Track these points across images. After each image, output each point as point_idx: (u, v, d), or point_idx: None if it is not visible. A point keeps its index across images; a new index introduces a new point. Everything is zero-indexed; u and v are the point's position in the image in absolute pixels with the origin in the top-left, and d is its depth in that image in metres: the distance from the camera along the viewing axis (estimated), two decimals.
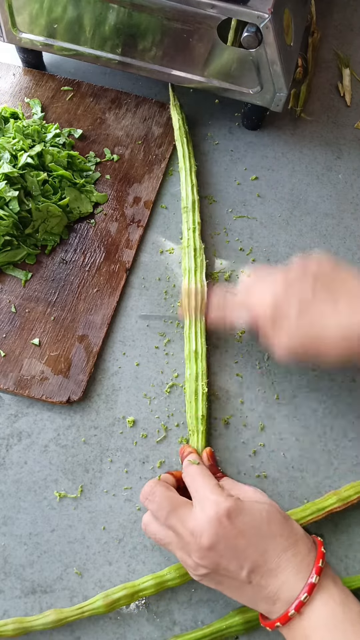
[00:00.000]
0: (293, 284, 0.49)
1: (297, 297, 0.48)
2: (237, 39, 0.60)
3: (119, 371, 0.57)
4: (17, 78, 0.74)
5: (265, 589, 0.40)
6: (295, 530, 0.43)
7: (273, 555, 0.41)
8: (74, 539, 0.49)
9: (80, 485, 0.52)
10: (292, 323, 0.48)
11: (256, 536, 0.41)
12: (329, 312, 0.47)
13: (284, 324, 0.48)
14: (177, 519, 0.43)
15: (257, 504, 0.43)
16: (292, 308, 0.48)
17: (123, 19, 0.62)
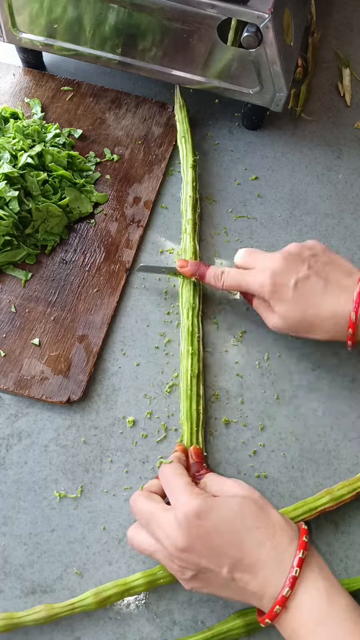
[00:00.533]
0: (291, 262, 0.52)
1: (295, 273, 0.51)
2: (237, 39, 0.60)
3: (119, 371, 0.57)
4: (17, 78, 0.74)
5: (249, 585, 0.40)
6: (273, 521, 0.42)
7: (251, 550, 0.40)
8: (74, 539, 0.49)
9: (80, 485, 0.52)
10: (289, 297, 0.51)
11: (230, 532, 0.41)
12: (320, 291, 0.51)
13: (282, 297, 0.51)
14: (156, 525, 0.43)
15: (230, 499, 0.42)
16: (290, 283, 0.51)
17: (123, 19, 0.62)
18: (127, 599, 0.47)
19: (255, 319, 0.60)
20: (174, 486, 0.44)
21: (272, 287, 0.52)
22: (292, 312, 0.52)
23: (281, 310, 0.52)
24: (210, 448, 0.54)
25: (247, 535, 0.41)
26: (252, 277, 0.53)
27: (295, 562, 0.39)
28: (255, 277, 0.53)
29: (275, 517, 0.42)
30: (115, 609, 0.47)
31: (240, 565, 0.40)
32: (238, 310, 0.61)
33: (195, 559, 0.41)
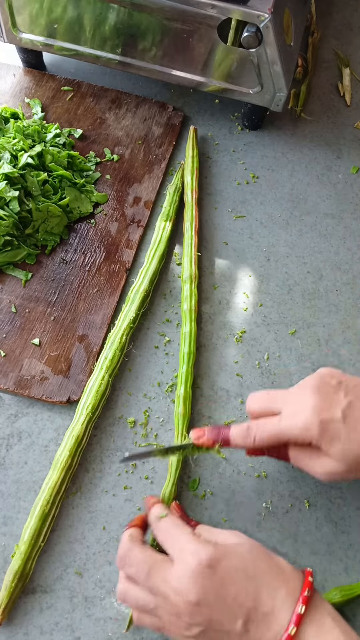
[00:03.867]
0: (325, 393, 0.44)
1: (337, 404, 0.43)
2: (237, 39, 0.60)
3: (118, 371, 0.57)
4: (17, 78, 0.74)
5: (264, 636, 0.37)
6: (282, 567, 0.40)
7: (265, 598, 0.38)
8: (74, 538, 0.49)
9: (80, 485, 0.51)
10: (342, 432, 0.43)
11: (244, 580, 0.38)
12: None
13: (334, 435, 0.43)
14: (159, 578, 0.39)
15: (237, 546, 0.40)
16: (337, 416, 0.43)
17: (123, 19, 0.62)
18: None
19: (255, 319, 0.60)
20: (178, 536, 0.41)
21: (321, 426, 0.42)
22: (351, 450, 0.43)
23: (337, 451, 0.43)
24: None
25: (261, 582, 0.38)
26: (290, 422, 0.44)
27: (300, 601, 0.38)
28: (294, 421, 0.43)
29: (283, 563, 0.40)
30: (115, 609, 0.47)
31: (255, 615, 0.38)
32: (238, 311, 0.61)
33: (208, 613, 0.38)
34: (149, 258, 0.61)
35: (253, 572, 0.39)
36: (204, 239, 0.65)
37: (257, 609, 0.38)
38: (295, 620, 0.37)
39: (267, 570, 0.39)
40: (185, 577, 0.38)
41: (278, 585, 0.38)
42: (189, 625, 0.38)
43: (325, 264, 0.64)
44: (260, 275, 0.63)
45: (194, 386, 0.56)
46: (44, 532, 0.48)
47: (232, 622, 0.37)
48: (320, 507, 0.52)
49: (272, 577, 0.39)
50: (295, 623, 0.37)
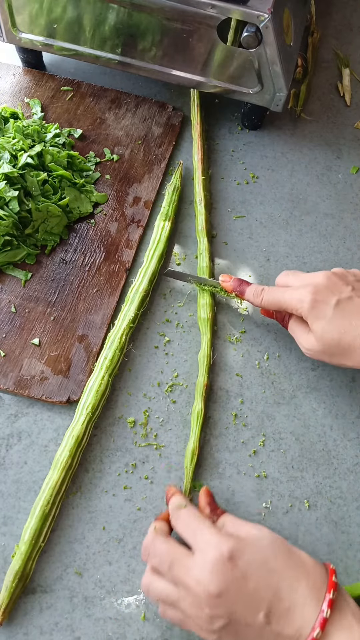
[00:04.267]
0: (334, 281, 0.50)
1: (338, 292, 0.49)
2: (237, 39, 0.60)
3: (118, 371, 0.57)
4: (17, 78, 0.74)
5: (286, 629, 0.38)
6: (304, 560, 0.40)
7: (287, 591, 0.38)
8: (73, 538, 0.49)
9: (80, 485, 0.51)
10: (329, 315, 0.48)
11: (264, 574, 0.39)
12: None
13: (321, 314, 0.48)
14: (182, 569, 0.40)
15: (259, 540, 0.41)
16: (331, 302, 0.48)
17: (123, 19, 0.62)
18: (127, 598, 0.48)
19: (254, 319, 0.60)
20: (198, 529, 0.41)
21: (312, 304, 0.48)
22: (329, 333, 0.48)
23: (318, 329, 0.49)
24: (210, 448, 0.54)
25: (282, 576, 0.39)
26: (292, 293, 0.50)
27: (325, 604, 0.38)
28: (295, 293, 0.50)
29: (305, 556, 0.41)
30: (115, 609, 0.47)
31: (277, 609, 0.38)
32: (237, 311, 0.61)
33: (230, 606, 0.38)
34: (148, 258, 0.61)
35: (274, 566, 0.39)
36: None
37: (278, 602, 0.38)
38: (321, 623, 0.37)
39: (288, 563, 0.40)
40: (206, 569, 0.39)
41: (299, 579, 0.39)
42: (211, 618, 0.39)
43: (325, 264, 0.64)
44: (260, 275, 0.63)
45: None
46: (44, 532, 0.48)
47: (254, 614, 0.38)
48: (320, 507, 0.52)
49: (293, 571, 0.39)
50: (320, 626, 0.37)
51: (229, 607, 0.38)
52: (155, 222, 0.64)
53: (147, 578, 0.43)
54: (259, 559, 0.39)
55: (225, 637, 0.39)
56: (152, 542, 0.43)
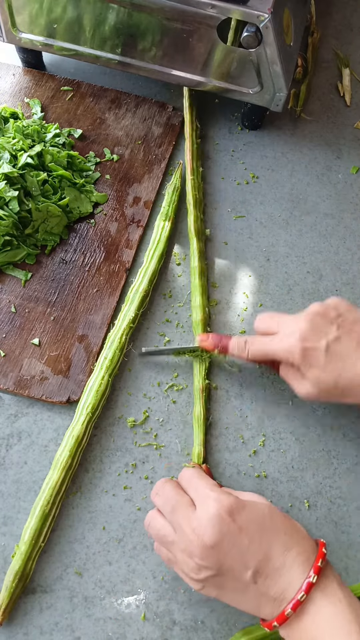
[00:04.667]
0: (318, 323, 0.48)
1: (324, 335, 0.48)
2: (237, 39, 0.60)
3: (118, 371, 0.57)
4: (17, 78, 0.74)
5: (271, 589, 0.39)
6: (297, 529, 0.42)
7: (277, 553, 0.40)
8: (73, 539, 0.49)
9: (80, 485, 0.51)
10: (322, 361, 0.47)
11: (259, 533, 0.40)
12: (353, 353, 0.47)
13: (313, 362, 0.47)
14: (182, 516, 0.42)
15: (258, 504, 0.42)
16: (321, 346, 0.47)
17: (123, 19, 0.62)
18: (127, 598, 0.48)
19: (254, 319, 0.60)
20: (202, 484, 0.43)
21: (302, 352, 0.47)
22: (325, 377, 0.47)
23: (313, 376, 0.48)
24: (210, 448, 0.54)
25: (275, 539, 0.40)
26: (279, 343, 0.49)
27: (312, 571, 0.39)
28: (282, 343, 0.49)
29: (299, 527, 0.42)
30: (115, 609, 0.47)
31: (265, 569, 0.39)
32: (238, 311, 0.61)
33: (220, 558, 0.40)
34: (148, 258, 0.61)
35: (269, 528, 0.41)
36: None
37: (267, 562, 0.39)
38: (306, 587, 0.38)
39: (283, 528, 0.41)
40: (204, 520, 0.40)
41: (291, 544, 0.40)
42: (199, 567, 0.40)
43: (325, 264, 0.64)
44: (260, 275, 0.63)
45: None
46: (44, 532, 0.48)
47: (242, 570, 0.39)
48: (320, 507, 0.52)
49: (286, 536, 0.41)
50: (305, 590, 0.38)
51: (219, 560, 0.40)
52: (155, 222, 0.64)
53: (151, 514, 0.45)
54: (256, 520, 0.41)
55: (208, 588, 0.41)
56: (163, 484, 0.45)
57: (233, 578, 0.40)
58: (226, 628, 0.47)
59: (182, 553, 0.41)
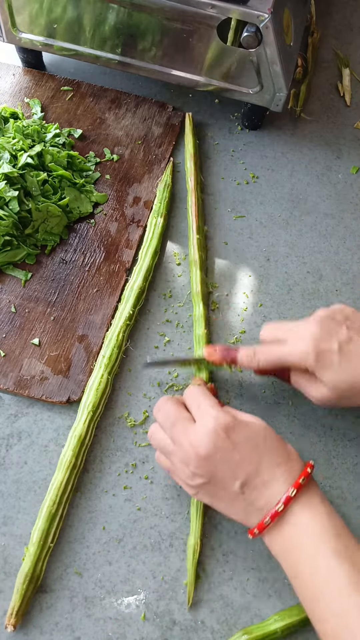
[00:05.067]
0: (328, 326, 0.48)
1: (336, 337, 0.47)
2: (237, 39, 0.60)
3: (118, 369, 0.57)
4: (17, 78, 0.74)
5: (256, 502, 0.43)
6: (289, 451, 0.45)
7: (266, 469, 0.43)
8: (73, 539, 0.49)
9: (80, 485, 0.51)
10: (336, 362, 0.47)
11: (251, 450, 0.43)
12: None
13: (328, 364, 0.47)
14: (180, 430, 0.45)
15: (254, 424, 0.45)
16: (334, 348, 0.47)
17: (123, 19, 0.62)
18: (127, 598, 0.48)
19: (255, 319, 0.60)
20: (202, 402, 0.46)
21: (317, 355, 0.47)
22: (341, 380, 0.47)
23: (329, 379, 0.47)
24: None
25: (265, 456, 0.43)
26: (290, 348, 0.48)
27: (293, 485, 0.42)
28: (294, 348, 0.48)
29: (292, 450, 0.45)
30: (115, 609, 0.47)
31: (253, 481, 0.43)
32: (238, 311, 0.61)
33: (212, 468, 0.43)
34: (142, 255, 0.61)
35: (262, 446, 0.44)
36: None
37: (255, 476, 0.43)
38: (285, 500, 0.42)
39: (274, 448, 0.44)
40: (201, 434, 0.43)
41: (280, 462, 0.43)
42: (193, 474, 0.44)
43: (325, 264, 0.64)
44: (260, 275, 0.63)
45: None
46: (52, 532, 0.48)
47: (231, 481, 0.43)
48: None
49: (276, 455, 0.44)
50: (284, 502, 0.42)
51: (211, 469, 0.43)
52: (148, 219, 0.64)
53: (153, 427, 0.48)
54: (250, 438, 0.44)
55: (202, 494, 0.45)
56: (165, 401, 0.48)
57: (223, 487, 0.43)
58: (226, 628, 0.47)
59: (180, 462, 0.45)
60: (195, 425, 0.45)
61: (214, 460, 0.43)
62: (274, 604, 0.48)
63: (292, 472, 0.43)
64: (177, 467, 0.46)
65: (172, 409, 0.47)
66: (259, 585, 0.48)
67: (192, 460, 0.43)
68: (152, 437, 0.48)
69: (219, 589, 0.48)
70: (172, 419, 0.46)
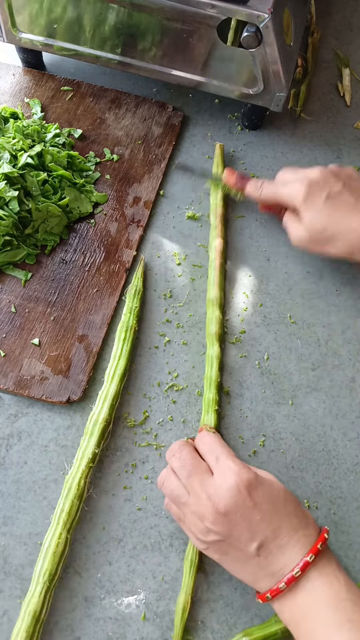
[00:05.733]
0: (327, 176, 0.55)
1: (329, 186, 0.55)
2: (237, 39, 0.60)
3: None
4: (17, 78, 0.74)
5: (272, 565, 0.41)
6: (307, 515, 0.44)
7: (285, 533, 0.41)
8: (73, 539, 0.49)
9: None
10: (320, 205, 0.54)
11: (272, 512, 0.42)
12: (351, 207, 0.54)
13: (312, 205, 0.54)
14: (198, 481, 0.43)
15: (275, 484, 0.44)
16: (323, 194, 0.54)
17: (123, 19, 0.62)
18: (127, 598, 0.48)
19: (255, 319, 0.60)
20: (223, 454, 0.44)
21: (306, 195, 0.54)
22: (318, 221, 0.54)
23: (308, 218, 0.55)
24: None
25: (285, 520, 0.42)
26: (288, 187, 0.56)
27: (312, 550, 0.41)
28: (291, 187, 0.56)
29: (308, 514, 0.44)
30: (115, 608, 0.47)
31: (270, 544, 0.41)
32: (238, 311, 0.61)
33: (230, 527, 0.41)
34: (108, 377, 0.54)
35: (281, 509, 0.42)
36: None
37: (273, 539, 0.41)
38: (303, 565, 0.40)
39: (293, 511, 0.43)
40: (222, 489, 0.42)
41: (299, 527, 0.42)
42: (207, 530, 0.42)
43: (325, 264, 0.64)
44: (260, 275, 0.63)
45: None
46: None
47: (248, 543, 0.41)
48: (320, 507, 0.52)
49: (296, 519, 0.42)
50: (301, 568, 0.40)
51: (229, 528, 0.41)
52: (116, 332, 0.57)
53: (165, 473, 0.46)
54: (271, 499, 0.42)
55: (212, 551, 0.43)
56: (180, 447, 0.46)
57: (238, 547, 0.42)
58: (226, 628, 0.47)
59: (193, 515, 0.43)
60: (214, 479, 0.43)
61: (233, 519, 0.41)
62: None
63: (309, 538, 0.42)
64: (189, 519, 0.44)
65: (190, 457, 0.45)
66: None
67: (210, 516, 0.42)
68: (164, 483, 0.46)
69: (219, 589, 0.48)
70: (189, 467, 0.44)
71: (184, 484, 0.44)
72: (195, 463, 0.44)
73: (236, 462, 0.43)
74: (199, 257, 0.63)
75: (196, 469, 0.44)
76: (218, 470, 0.43)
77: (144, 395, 0.56)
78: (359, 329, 0.60)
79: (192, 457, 0.45)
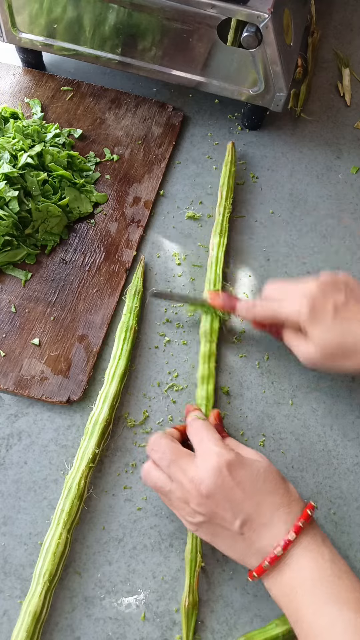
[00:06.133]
0: (327, 288, 0.50)
1: (332, 299, 0.49)
2: (237, 39, 0.60)
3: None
4: (17, 78, 0.74)
5: (256, 543, 0.42)
6: (291, 492, 0.44)
7: (266, 511, 0.42)
8: (73, 539, 0.49)
9: None
10: (329, 321, 0.49)
11: (253, 490, 0.43)
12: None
13: (320, 321, 0.49)
14: (179, 468, 0.44)
15: (256, 462, 0.44)
16: (329, 308, 0.49)
17: (123, 19, 0.62)
18: (127, 598, 0.48)
19: None
20: (206, 437, 0.46)
21: (310, 312, 0.49)
22: (330, 338, 0.49)
23: (318, 336, 0.49)
24: None
25: (266, 497, 0.43)
26: (288, 304, 0.51)
27: (293, 529, 0.41)
28: (291, 304, 0.51)
29: (292, 489, 0.45)
30: (115, 608, 0.47)
31: (253, 522, 0.42)
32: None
33: (213, 507, 0.42)
34: (109, 377, 0.54)
35: (263, 487, 0.43)
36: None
37: (256, 517, 0.42)
38: (284, 544, 0.41)
39: (275, 489, 0.43)
40: (203, 471, 0.43)
41: (281, 504, 0.43)
42: (194, 512, 0.43)
43: (325, 264, 0.64)
44: (260, 275, 0.63)
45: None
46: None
47: (232, 521, 0.42)
48: (320, 507, 0.52)
49: (277, 496, 0.43)
50: (283, 547, 0.41)
51: (212, 508, 0.42)
52: (116, 332, 0.57)
53: (147, 467, 0.47)
54: (253, 477, 0.43)
55: (202, 532, 0.45)
56: (158, 439, 0.47)
57: (224, 527, 0.43)
58: (226, 628, 0.47)
59: (179, 500, 0.44)
60: (196, 462, 0.44)
61: (215, 499, 0.42)
62: (274, 604, 0.48)
63: (292, 515, 0.42)
64: (176, 505, 0.45)
65: (168, 447, 0.46)
66: (259, 585, 0.48)
67: (194, 498, 0.43)
68: (147, 476, 0.47)
69: (219, 589, 0.48)
70: (168, 456, 0.45)
71: (166, 473, 0.45)
72: (174, 451, 0.46)
73: (219, 444, 0.45)
74: (199, 257, 0.63)
75: (176, 456, 0.45)
76: (200, 453, 0.45)
77: (144, 395, 0.56)
78: None
79: (170, 446, 0.46)
